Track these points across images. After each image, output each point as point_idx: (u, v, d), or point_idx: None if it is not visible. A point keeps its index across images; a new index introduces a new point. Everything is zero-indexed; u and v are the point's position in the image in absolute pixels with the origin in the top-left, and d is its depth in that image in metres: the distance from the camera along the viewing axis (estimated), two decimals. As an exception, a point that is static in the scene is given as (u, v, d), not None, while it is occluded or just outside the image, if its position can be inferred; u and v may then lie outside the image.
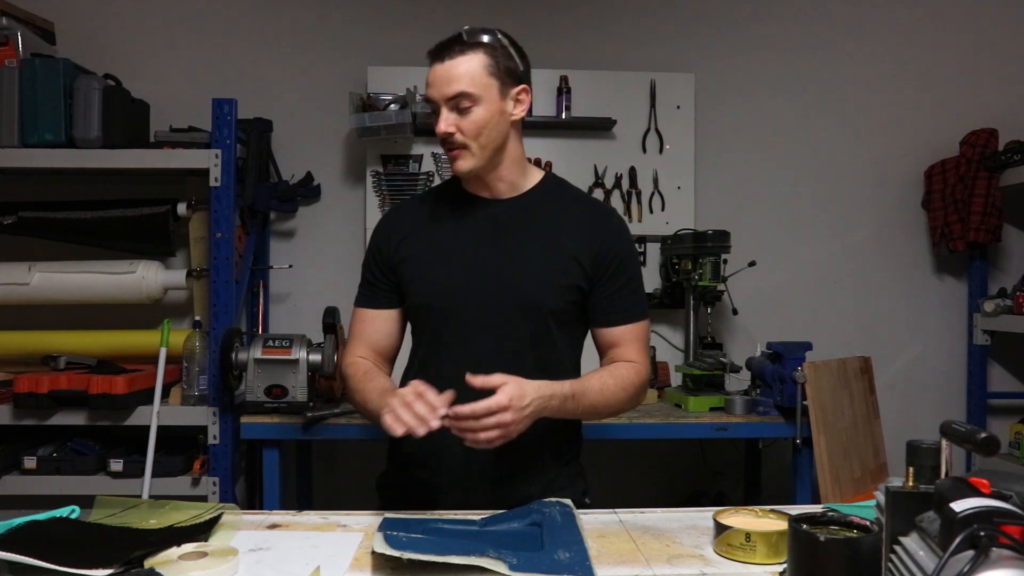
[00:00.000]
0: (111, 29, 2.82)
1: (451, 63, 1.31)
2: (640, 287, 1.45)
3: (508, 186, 1.42)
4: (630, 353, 1.42)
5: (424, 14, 2.89)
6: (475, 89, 1.31)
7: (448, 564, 0.94)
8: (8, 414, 2.33)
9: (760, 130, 3.00)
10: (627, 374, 1.39)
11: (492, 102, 1.33)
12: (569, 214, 1.42)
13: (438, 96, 1.32)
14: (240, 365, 2.27)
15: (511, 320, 1.36)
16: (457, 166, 1.36)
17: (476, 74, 1.31)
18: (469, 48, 1.32)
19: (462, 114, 1.32)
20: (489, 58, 1.33)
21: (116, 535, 1.06)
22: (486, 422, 1.14)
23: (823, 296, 3.00)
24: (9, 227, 2.57)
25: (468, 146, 1.33)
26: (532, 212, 1.41)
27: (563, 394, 1.26)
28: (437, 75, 1.33)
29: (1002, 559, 0.58)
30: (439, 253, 1.40)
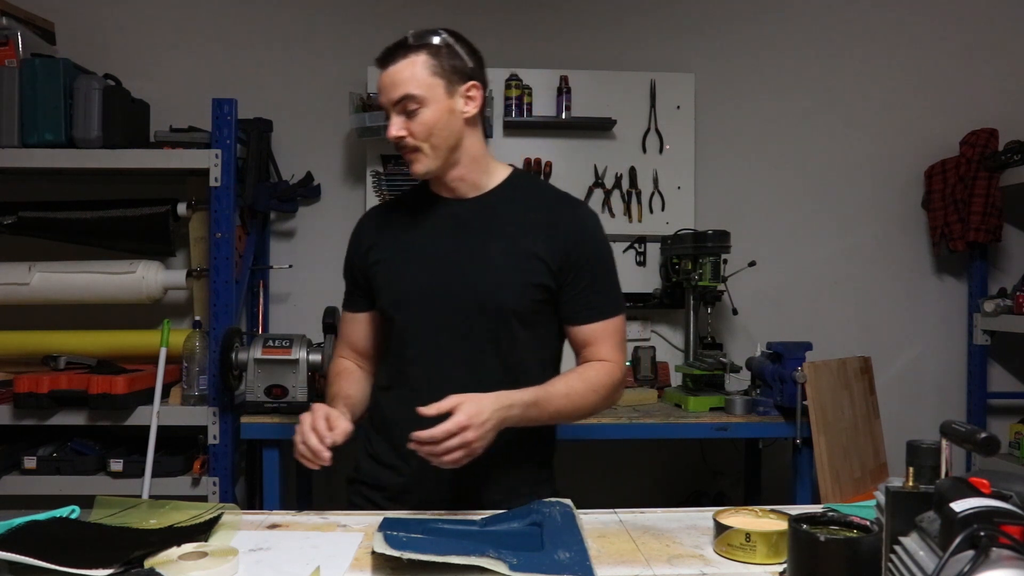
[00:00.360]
0: (111, 29, 2.82)
1: (395, 68, 1.31)
2: (612, 283, 1.41)
3: (469, 185, 1.40)
4: (603, 351, 1.38)
5: (424, 14, 2.89)
6: (419, 90, 1.30)
7: (448, 564, 0.94)
8: (8, 414, 2.34)
9: (760, 130, 3.00)
10: (596, 375, 1.36)
11: (439, 101, 1.32)
12: (534, 211, 1.39)
13: (386, 102, 1.33)
14: (240, 365, 2.27)
15: (473, 321, 1.34)
16: (414, 169, 1.35)
17: (419, 75, 1.31)
18: (412, 51, 1.32)
19: (410, 117, 1.31)
20: (432, 58, 1.32)
21: (116, 535, 1.06)
22: (448, 444, 1.13)
23: (823, 296, 3.00)
24: (9, 227, 2.57)
25: (420, 148, 1.33)
26: (495, 211, 1.39)
27: (524, 402, 1.24)
28: (383, 81, 1.33)
29: (1002, 559, 0.58)
30: (404, 256, 1.40)
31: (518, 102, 2.80)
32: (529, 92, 2.81)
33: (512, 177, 1.44)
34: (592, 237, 1.40)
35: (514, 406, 1.22)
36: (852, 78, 3.01)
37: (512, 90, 2.80)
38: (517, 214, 1.38)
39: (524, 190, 1.43)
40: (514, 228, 1.37)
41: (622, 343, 1.42)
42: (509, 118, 2.81)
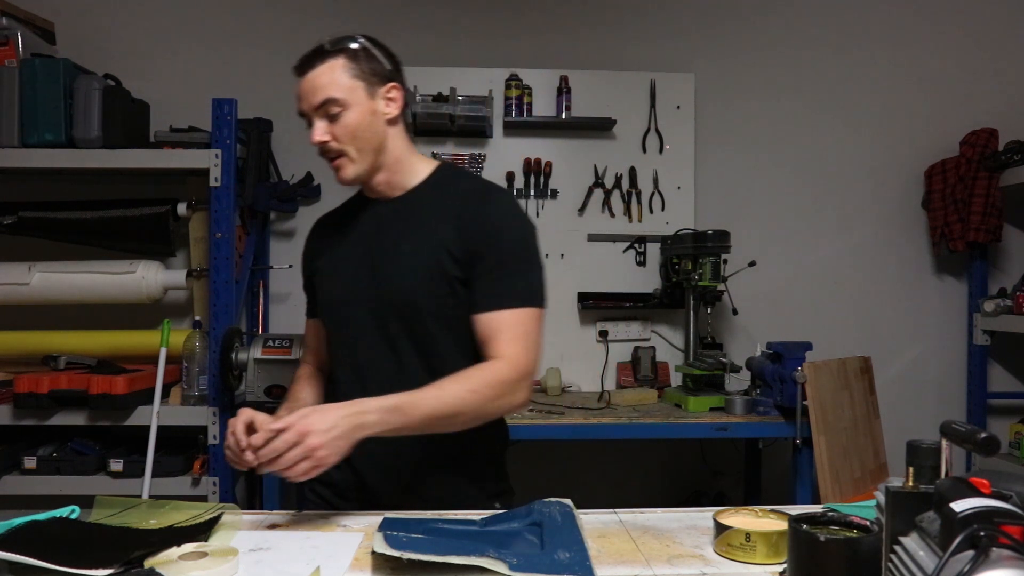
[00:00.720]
0: (111, 29, 2.82)
1: (314, 73, 1.30)
2: (522, 272, 1.32)
3: (393, 186, 1.39)
4: (499, 347, 1.28)
5: (424, 14, 2.90)
6: (340, 93, 1.29)
7: (448, 564, 0.94)
8: (8, 414, 2.34)
9: (760, 130, 3.00)
10: (479, 374, 1.26)
11: (361, 104, 1.31)
12: (450, 204, 1.35)
13: (307, 107, 1.31)
14: (240, 365, 2.27)
15: (391, 323, 1.34)
16: (341, 175, 1.35)
17: (339, 79, 1.30)
18: (330, 56, 1.31)
19: (333, 121, 1.30)
20: (351, 62, 1.31)
21: (116, 535, 1.06)
22: (290, 455, 1.10)
23: (823, 296, 3.00)
24: (9, 227, 2.57)
25: (345, 152, 1.32)
26: (413, 208, 1.38)
27: (381, 407, 1.17)
28: (303, 88, 1.31)
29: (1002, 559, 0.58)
30: (335, 263, 1.42)
31: (518, 102, 2.80)
32: (529, 92, 2.81)
33: (435, 173, 1.41)
34: (500, 225, 1.33)
35: (367, 412, 1.16)
36: (852, 78, 3.02)
37: (512, 90, 2.80)
38: (435, 209, 1.36)
39: (445, 185, 1.40)
40: (427, 224, 1.35)
41: (523, 338, 1.29)
42: (509, 118, 2.81)
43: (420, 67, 2.79)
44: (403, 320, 1.33)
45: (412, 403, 1.20)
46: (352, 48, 1.32)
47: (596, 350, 2.89)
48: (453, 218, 1.33)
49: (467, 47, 2.92)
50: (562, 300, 2.88)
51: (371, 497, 1.36)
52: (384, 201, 1.40)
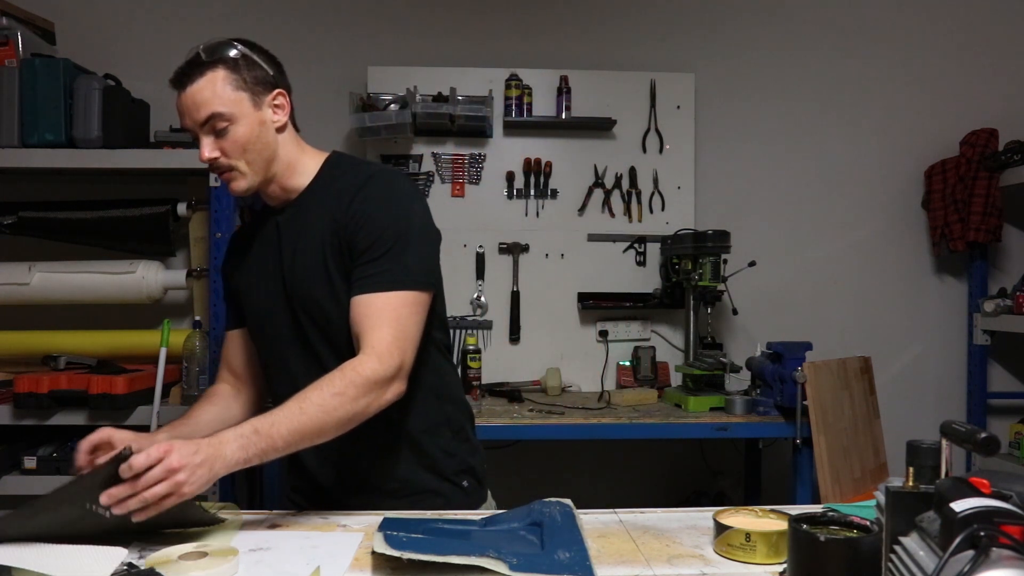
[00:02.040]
0: (111, 29, 2.82)
1: (194, 88, 1.25)
2: (395, 253, 1.23)
3: (287, 191, 1.35)
4: (366, 335, 1.20)
5: (424, 14, 2.90)
6: (225, 107, 1.24)
7: (448, 564, 0.94)
8: (8, 414, 2.33)
9: (760, 130, 3.00)
10: (341, 375, 1.17)
11: (248, 115, 1.26)
12: (328, 201, 1.30)
13: (191, 124, 1.27)
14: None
15: (308, 329, 1.31)
16: (233, 188, 1.30)
17: (222, 92, 1.25)
18: (209, 67, 1.25)
19: (220, 135, 1.26)
20: (232, 72, 1.26)
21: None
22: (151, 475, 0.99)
23: (823, 296, 3.00)
24: (9, 227, 2.57)
25: (236, 166, 1.28)
26: (304, 210, 1.33)
27: (239, 434, 1.09)
28: (184, 103, 1.27)
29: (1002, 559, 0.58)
30: (252, 276, 1.39)
31: (518, 102, 2.80)
32: (529, 92, 2.81)
33: (322, 168, 1.36)
34: (370, 210, 1.26)
35: (225, 442, 1.07)
36: (852, 78, 3.02)
37: (512, 90, 2.80)
38: (316, 210, 1.32)
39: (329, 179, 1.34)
40: (312, 225, 1.31)
41: (393, 323, 1.21)
42: (509, 118, 2.81)
43: (420, 67, 2.80)
44: (316, 325, 1.30)
45: (271, 423, 1.12)
46: (231, 57, 1.27)
47: (596, 350, 2.89)
48: (330, 215, 1.28)
49: (467, 47, 2.92)
50: (562, 300, 2.89)
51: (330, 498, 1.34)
52: (278, 209, 1.37)
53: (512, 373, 2.83)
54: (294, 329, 1.33)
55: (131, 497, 0.98)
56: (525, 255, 2.88)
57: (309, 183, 1.35)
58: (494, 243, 2.87)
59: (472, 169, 2.85)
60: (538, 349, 2.87)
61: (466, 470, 1.40)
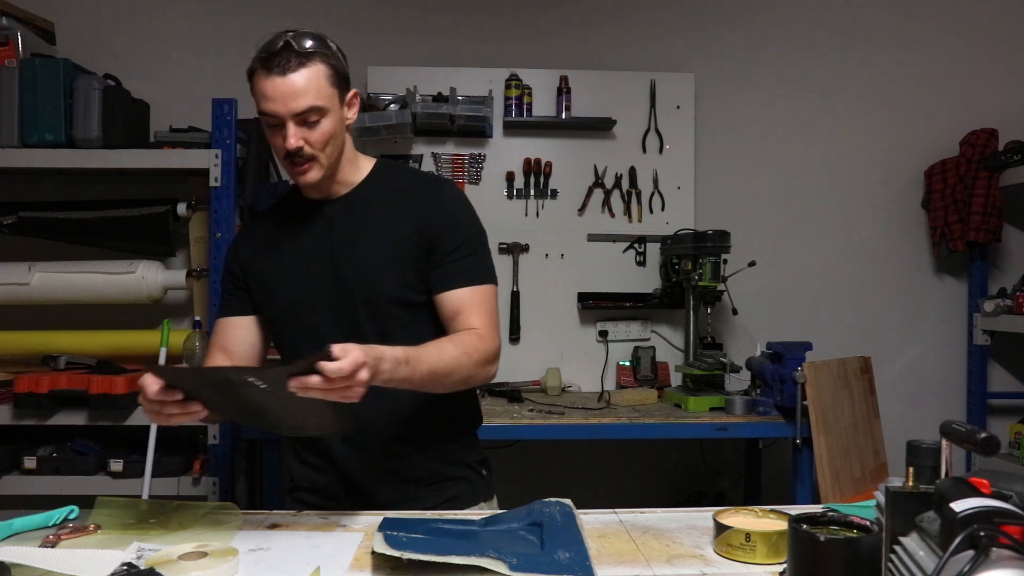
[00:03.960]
0: (111, 29, 2.82)
1: (296, 77, 1.27)
2: (480, 254, 1.39)
3: (341, 185, 1.41)
4: (473, 320, 1.35)
5: (424, 15, 2.90)
6: (323, 102, 1.29)
7: (448, 564, 0.94)
8: (8, 414, 2.33)
9: (760, 130, 3.00)
10: (470, 339, 1.31)
11: (335, 111, 1.31)
12: (399, 196, 1.40)
13: (284, 111, 1.27)
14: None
15: (358, 318, 1.35)
16: (307, 178, 1.33)
17: (322, 87, 1.28)
18: (310, 59, 1.28)
19: (310, 127, 1.29)
20: (329, 68, 1.31)
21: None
22: (360, 377, 1.06)
23: (823, 296, 3.00)
24: (9, 227, 2.57)
25: (317, 158, 1.31)
26: (363, 204, 1.40)
27: (394, 357, 1.16)
28: (279, 89, 1.27)
29: (1002, 559, 0.58)
30: (283, 267, 1.40)
31: (518, 102, 2.80)
32: (529, 92, 2.81)
33: (377, 168, 1.45)
34: (456, 212, 1.40)
35: (383, 359, 1.14)
36: (852, 78, 3.02)
37: (512, 90, 2.80)
38: (384, 202, 1.39)
39: (388, 178, 1.44)
40: (382, 216, 1.38)
41: (492, 314, 1.38)
42: (509, 118, 2.81)
43: (420, 67, 2.79)
44: (371, 314, 1.35)
45: (417, 357, 1.21)
46: (331, 51, 1.32)
47: (596, 350, 2.89)
48: (410, 208, 1.37)
49: (467, 47, 2.92)
50: (562, 300, 2.89)
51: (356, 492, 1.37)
52: (330, 200, 1.41)
53: (512, 373, 2.83)
54: (339, 315, 1.36)
55: (316, 389, 1.03)
56: (525, 255, 2.88)
57: (365, 178, 1.42)
58: (494, 243, 2.84)
59: (472, 169, 2.85)
60: (538, 349, 2.87)
61: (483, 461, 1.50)
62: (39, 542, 1.04)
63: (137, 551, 1.00)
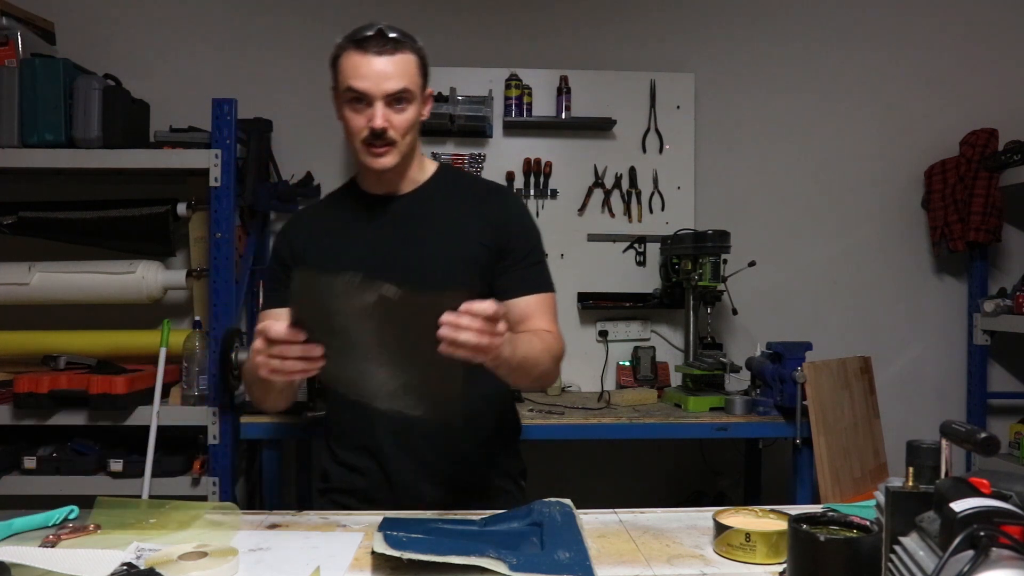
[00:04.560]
0: (111, 29, 2.82)
1: (392, 58, 1.31)
2: (544, 263, 1.46)
3: (407, 181, 1.44)
4: (542, 324, 1.40)
5: (424, 15, 2.90)
6: (413, 87, 1.33)
7: (448, 564, 0.94)
8: (8, 414, 2.33)
9: (760, 130, 3.00)
10: (548, 337, 1.37)
11: (418, 102, 1.36)
12: (467, 199, 1.44)
13: (375, 91, 1.31)
14: (240, 365, 2.27)
15: None
16: (383, 162, 1.35)
17: (414, 75, 1.34)
18: (406, 47, 1.34)
19: (396, 111, 1.33)
20: (419, 59, 1.36)
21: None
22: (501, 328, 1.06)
23: (823, 296, 3.00)
24: (9, 227, 2.57)
25: (396, 143, 1.34)
26: (430, 203, 1.43)
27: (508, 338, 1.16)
28: (374, 68, 1.30)
29: (1002, 559, 0.58)
30: (340, 256, 1.40)
31: (518, 102, 2.80)
32: (529, 92, 2.81)
33: (441, 170, 1.49)
34: (526, 220, 1.46)
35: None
36: (852, 78, 3.02)
37: (512, 90, 2.80)
38: (452, 204, 1.42)
39: (455, 181, 1.49)
40: (450, 217, 1.41)
41: (555, 318, 1.45)
42: (509, 118, 2.81)
43: (420, 67, 2.79)
44: None
45: (515, 340, 1.22)
46: (419, 45, 1.37)
47: (596, 350, 2.89)
48: (477, 213, 1.41)
49: (467, 47, 2.91)
50: (562, 300, 2.85)
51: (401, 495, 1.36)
52: (395, 196, 1.43)
53: (512, 373, 2.83)
54: None
55: (469, 329, 1.04)
56: (525, 255, 2.87)
57: (430, 179, 1.46)
58: (494, 243, 2.86)
59: (472, 169, 2.85)
60: (538, 349, 2.87)
61: (523, 471, 1.52)
62: (39, 542, 1.04)
63: (137, 551, 1.00)
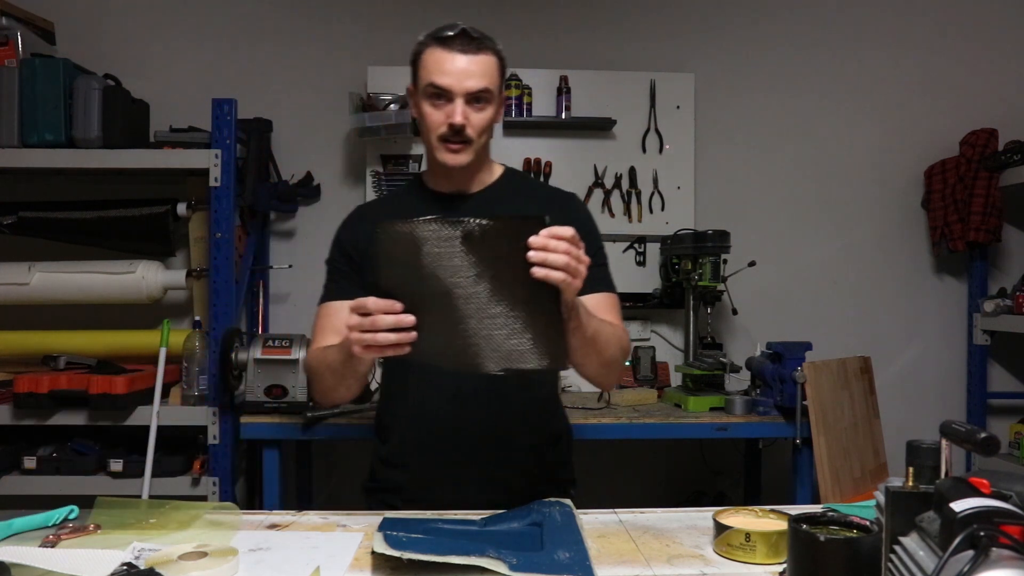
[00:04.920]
0: (111, 29, 2.82)
1: (475, 58, 1.33)
2: (607, 266, 1.49)
3: (477, 182, 1.46)
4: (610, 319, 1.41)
5: (424, 14, 2.89)
6: (493, 88, 1.35)
7: (448, 564, 0.94)
8: (8, 414, 2.33)
9: (760, 130, 3.00)
10: (617, 328, 1.39)
11: (496, 104, 1.38)
12: (533, 202, 1.47)
13: (458, 88, 1.32)
14: (240, 365, 2.27)
15: None
16: (458, 159, 1.37)
17: (494, 76, 1.35)
18: (487, 48, 1.35)
19: (475, 110, 1.34)
20: (500, 61, 1.38)
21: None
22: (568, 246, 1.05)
23: (823, 296, 3.00)
24: (9, 227, 2.57)
25: (472, 141, 1.36)
26: (497, 203, 1.44)
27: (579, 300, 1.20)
28: (458, 65, 1.32)
29: (1002, 559, 0.58)
30: None
31: (518, 102, 2.80)
32: (529, 92, 2.81)
33: (508, 173, 1.52)
34: (591, 223, 1.49)
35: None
36: (852, 78, 3.01)
37: (512, 90, 2.80)
38: (518, 205, 1.44)
39: (520, 184, 1.53)
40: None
41: (620, 317, 1.46)
42: (509, 118, 2.80)
43: (420, 67, 2.79)
44: None
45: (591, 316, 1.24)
46: (500, 49, 1.38)
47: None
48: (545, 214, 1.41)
49: (467, 47, 2.91)
50: (562, 300, 2.88)
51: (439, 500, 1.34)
52: (462, 196, 1.45)
53: (512, 373, 2.82)
54: None
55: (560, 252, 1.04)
56: (525, 255, 2.87)
57: (497, 180, 1.49)
58: (494, 243, 2.86)
59: (472, 169, 2.85)
60: (538, 349, 2.86)
61: (572, 481, 1.52)
62: (39, 542, 1.04)
63: (137, 551, 1.00)
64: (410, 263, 1.06)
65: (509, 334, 1.08)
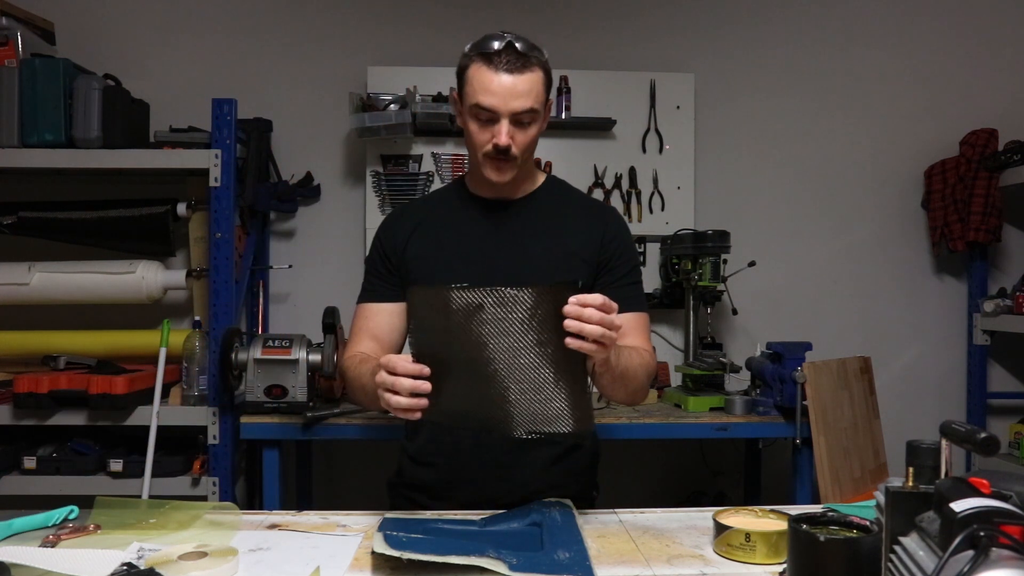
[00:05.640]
0: (111, 29, 2.82)
1: (520, 78, 1.30)
2: (640, 284, 1.48)
3: (518, 190, 1.46)
4: (639, 342, 1.41)
5: (424, 14, 2.90)
6: (539, 107, 1.34)
7: (448, 564, 0.94)
8: (8, 414, 2.33)
9: (760, 130, 3.00)
10: (644, 354, 1.38)
11: (542, 118, 1.37)
12: (571, 213, 1.46)
13: (503, 109, 1.30)
14: (240, 365, 2.27)
15: None
16: (502, 176, 1.37)
17: (540, 93, 1.33)
18: (530, 64, 1.31)
19: (521, 129, 1.33)
20: (546, 76, 1.35)
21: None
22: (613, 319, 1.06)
23: (823, 296, 3.00)
24: (9, 227, 2.57)
25: (518, 158, 1.35)
26: (536, 212, 1.45)
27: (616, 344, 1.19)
28: (504, 86, 1.29)
29: (1002, 559, 0.58)
30: (447, 253, 1.42)
31: (518, 102, 2.79)
32: (529, 92, 2.81)
33: (549, 182, 1.51)
34: (628, 239, 1.49)
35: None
36: (852, 78, 3.01)
37: (512, 90, 2.80)
38: (556, 215, 1.45)
39: (560, 193, 1.51)
40: (554, 228, 1.43)
41: (649, 338, 1.46)
42: (509, 118, 2.80)
43: (420, 67, 2.79)
44: None
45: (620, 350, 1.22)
46: (545, 59, 1.35)
47: (596, 350, 2.89)
48: (581, 227, 1.43)
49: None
50: (562, 300, 2.88)
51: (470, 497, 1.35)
52: (502, 201, 1.44)
53: (512, 373, 2.82)
54: None
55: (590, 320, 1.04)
56: (525, 255, 2.87)
57: (539, 188, 1.48)
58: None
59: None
60: (538, 349, 2.86)
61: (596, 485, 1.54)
62: (39, 542, 1.04)
63: (137, 551, 1.00)
64: (441, 326, 1.08)
65: (538, 399, 1.10)
